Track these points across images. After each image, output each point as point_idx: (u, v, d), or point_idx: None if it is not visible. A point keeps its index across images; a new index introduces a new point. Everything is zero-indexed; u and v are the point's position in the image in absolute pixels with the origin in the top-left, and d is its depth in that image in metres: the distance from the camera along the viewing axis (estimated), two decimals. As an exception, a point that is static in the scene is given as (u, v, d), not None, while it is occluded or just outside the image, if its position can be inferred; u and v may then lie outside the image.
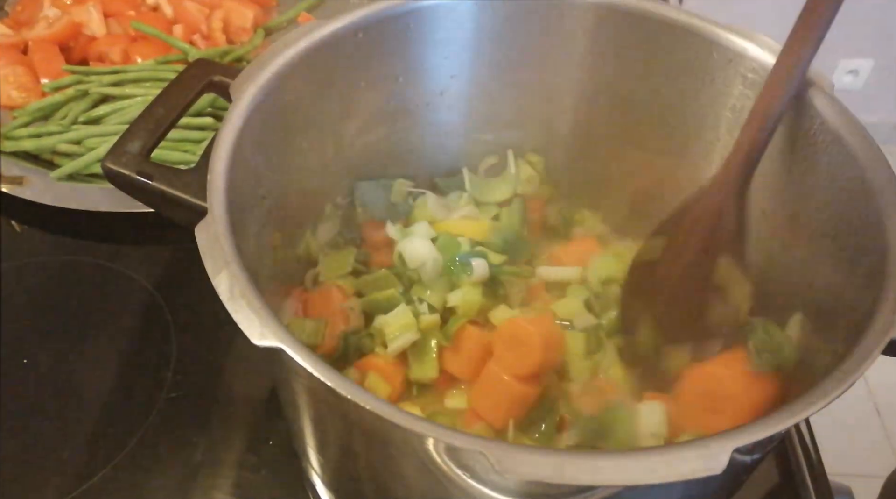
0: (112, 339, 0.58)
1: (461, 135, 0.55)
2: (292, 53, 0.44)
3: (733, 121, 0.47)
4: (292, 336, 0.32)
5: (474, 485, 0.32)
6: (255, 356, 0.56)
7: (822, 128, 0.42)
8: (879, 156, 0.39)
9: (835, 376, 0.32)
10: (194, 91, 0.44)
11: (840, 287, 0.40)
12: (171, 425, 0.52)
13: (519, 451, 0.29)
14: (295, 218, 0.48)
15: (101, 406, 0.54)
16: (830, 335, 0.39)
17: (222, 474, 0.50)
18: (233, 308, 0.32)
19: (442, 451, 0.30)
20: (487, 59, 0.51)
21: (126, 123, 0.65)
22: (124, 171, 0.40)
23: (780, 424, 0.31)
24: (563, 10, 0.49)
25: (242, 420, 0.53)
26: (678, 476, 0.29)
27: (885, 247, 0.36)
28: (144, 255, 0.63)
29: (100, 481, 0.49)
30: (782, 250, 0.45)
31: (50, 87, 0.72)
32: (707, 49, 0.46)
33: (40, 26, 0.78)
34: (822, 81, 0.42)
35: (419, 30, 0.48)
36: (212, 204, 0.36)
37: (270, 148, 0.43)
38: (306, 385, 0.36)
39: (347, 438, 0.38)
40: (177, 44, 0.76)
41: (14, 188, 0.64)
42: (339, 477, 0.43)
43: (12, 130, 0.68)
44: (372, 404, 0.30)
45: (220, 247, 0.34)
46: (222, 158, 0.38)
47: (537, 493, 0.32)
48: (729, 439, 0.30)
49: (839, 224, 0.40)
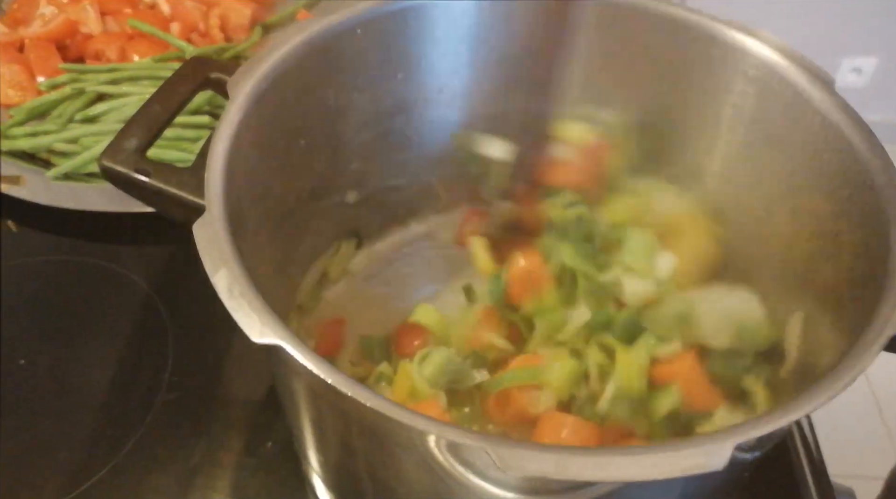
0: (109, 339, 0.58)
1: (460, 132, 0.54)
2: (290, 50, 0.43)
3: (734, 118, 0.47)
4: (291, 333, 0.32)
5: (476, 482, 0.32)
6: (254, 357, 0.56)
7: (823, 124, 0.42)
8: (882, 153, 0.39)
9: (836, 372, 0.32)
10: (191, 88, 0.44)
11: (842, 284, 0.40)
12: (168, 426, 0.52)
13: (521, 447, 0.29)
14: (294, 216, 0.48)
15: (98, 407, 0.53)
16: (832, 333, 0.39)
17: (220, 476, 0.50)
18: (232, 306, 0.32)
19: (444, 448, 0.30)
20: (486, 56, 0.51)
21: (122, 122, 0.65)
22: (121, 168, 0.40)
23: (782, 420, 0.31)
24: (561, 6, 0.49)
25: (241, 421, 0.53)
26: (680, 471, 0.29)
27: (887, 243, 0.36)
28: (141, 255, 0.63)
29: (98, 482, 0.49)
30: (783, 247, 0.45)
31: (46, 85, 0.72)
32: (708, 45, 0.46)
33: (36, 24, 0.77)
34: (824, 78, 0.42)
35: (418, 27, 0.48)
36: (210, 201, 0.36)
37: (268, 145, 0.43)
38: (306, 383, 0.36)
39: (347, 436, 0.37)
40: (174, 41, 0.75)
41: (11, 188, 0.63)
42: (339, 476, 0.43)
43: (8, 129, 0.68)
44: (373, 401, 0.30)
45: (219, 244, 0.34)
46: (220, 156, 0.38)
47: (539, 489, 0.32)
48: (731, 436, 0.30)
49: (840, 220, 0.40)
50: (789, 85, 0.43)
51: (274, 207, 0.45)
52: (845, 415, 0.80)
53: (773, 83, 0.44)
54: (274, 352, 0.31)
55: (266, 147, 0.43)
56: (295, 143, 0.46)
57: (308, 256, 0.52)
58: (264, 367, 0.55)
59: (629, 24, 0.47)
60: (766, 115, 0.45)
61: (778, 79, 0.44)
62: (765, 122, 0.45)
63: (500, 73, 0.52)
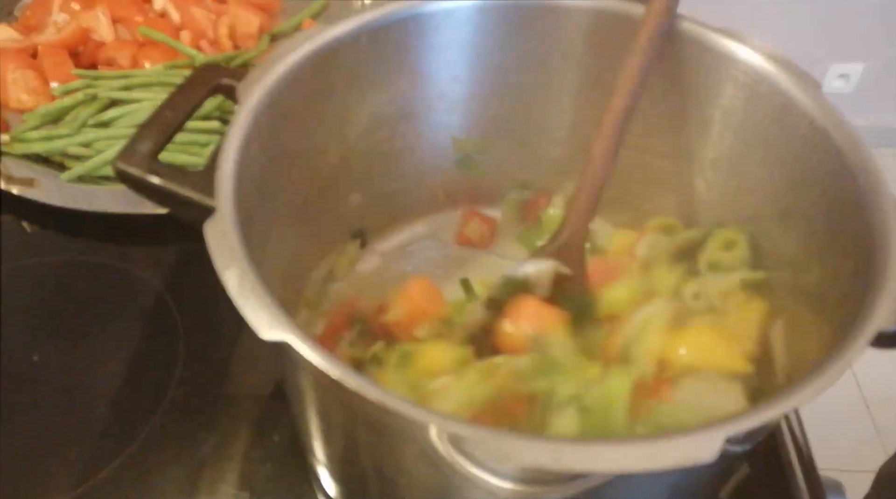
0: (121, 337, 0.59)
1: (461, 136, 0.56)
2: (297, 57, 0.45)
3: (723, 123, 0.48)
4: (299, 329, 0.33)
5: (477, 472, 0.33)
6: (261, 353, 0.57)
7: (811, 128, 0.43)
8: (867, 156, 0.40)
9: (824, 365, 0.33)
10: (202, 94, 0.45)
11: (830, 282, 0.41)
12: (178, 421, 0.53)
13: (518, 438, 0.30)
14: (301, 216, 0.49)
15: (109, 403, 0.55)
16: (820, 330, 0.40)
17: (229, 468, 0.51)
18: (241, 303, 0.33)
19: (445, 439, 0.31)
20: (487, 63, 0.52)
21: (134, 127, 0.66)
22: (135, 171, 0.41)
23: (772, 412, 0.32)
24: (559, 14, 0.50)
25: (248, 416, 0.54)
26: (672, 463, 0.30)
27: (872, 242, 0.37)
28: (153, 256, 0.64)
29: (108, 476, 0.50)
30: (772, 247, 0.46)
31: (60, 91, 0.73)
32: (699, 52, 0.47)
33: (49, 31, 0.79)
34: (811, 83, 0.43)
35: (420, 34, 0.49)
36: (220, 202, 0.37)
37: (276, 149, 0.44)
38: (312, 378, 0.37)
39: (352, 429, 0.39)
40: (184, 49, 0.77)
41: (25, 190, 0.65)
42: (344, 468, 0.44)
43: (23, 133, 0.69)
44: (376, 395, 0.31)
45: (229, 243, 0.35)
46: (230, 158, 0.39)
47: (537, 479, 0.34)
48: (721, 428, 0.31)
49: (828, 220, 0.41)
50: (778, 90, 0.44)
51: (281, 208, 0.46)
52: (834, 410, 0.81)
53: (762, 88, 0.45)
54: (282, 348, 0.32)
55: (274, 151, 0.44)
56: (302, 146, 0.48)
57: (315, 255, 0.53)
58: (272, 362, 0.56)
59: (624, 31, 0.48)
60: (755, 119, 0.46)
61: (767, 84, 0.45)
62: (754, 127, 0.46)
63: (499, 79, 0.53)
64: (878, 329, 0.34)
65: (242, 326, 0.32)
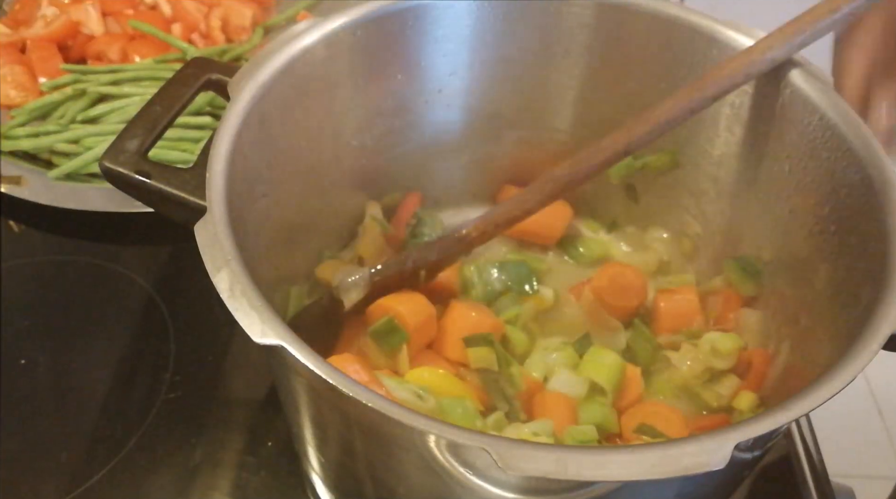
0: (111, 339, 0.58)
1: (459, 132, 0.55)
2: (291, 51, 0.44)
3: (732, 117, 0.47)
4: (293, 334, 0.32)
5: (476, 482, 0.32)
6: (254, 357, 0.56)
7: (821, 123, 0.42)
8: (878, 152, 0.39)
9: (835, 370, 0.32)
10: (192, 89, 0.44)
11: (840, 282, 0.40)
12: (169, 426, 0.52)
13: (521, 447, 0.29)
14: (295, 216, 0.48)
15: (99, 407, 0.54)
16: (831, 331, 0.39)
17: (221, 475, 0.50)
18: (233, 306, 0.32)
19: (444, 448, 0.30)
20: (486, 56, 0.51)
21: (124, 122, 0.65)
22: (122, 169, 0.40)
23: (781, 419, 0.31)
24: (560, 6, 0.49)
25: (241, 421, 0.53)
26: (681, 471, 0.29)
27: (886, 242, 0.36)
28: (143, 255, 0.63)
29: (99, 482, 0.49)
30: (783, 246, 0.45)
31: (48, 86, 0.72)
32: (706, 45, 0.46)
33: (38, 25, 0.77)
34: (821, 78, 0.42)
35: (417, 27, 0.48)
36: (211, 202, 0.36)
37: (269, 146, 0.43)
38: (307, 383, 0.36)
39: (348, 436, 0.38)
40: (175, 42, 0.75)
41: (12, 188, 0.64)
42: (339, 476, 0.43)
43: (10, 130, 0.68)
44: (373, 401, 0.30)
45: (220, 245, 0.34)
46: (221, 156, 0.38)
47: (538, 489, 0.33)
48: (731, 435, 0.30)
49: (839, 219, 0.40)
50: (787, 84, 0.43)
51: (274, 207, 0.45)
52: (845, 415, 0.80)
53: (771, 83, 0.44)
54: (275, 352, 0.32)
55: (266, 148, 0.43)
56: (295, 143, 0.46)
57: (310, 254, 0.52)
58: (265, 367, 0.55)
59: (627, 23, 0.47)
60: (764, 114, 0.45)
61: (776, 78, 0.44)
62: (763, 122, 0.45)
63: (498, 73, 0.52)
64: (892, 332, 0.33)
65: (235, 328, 0.32)
